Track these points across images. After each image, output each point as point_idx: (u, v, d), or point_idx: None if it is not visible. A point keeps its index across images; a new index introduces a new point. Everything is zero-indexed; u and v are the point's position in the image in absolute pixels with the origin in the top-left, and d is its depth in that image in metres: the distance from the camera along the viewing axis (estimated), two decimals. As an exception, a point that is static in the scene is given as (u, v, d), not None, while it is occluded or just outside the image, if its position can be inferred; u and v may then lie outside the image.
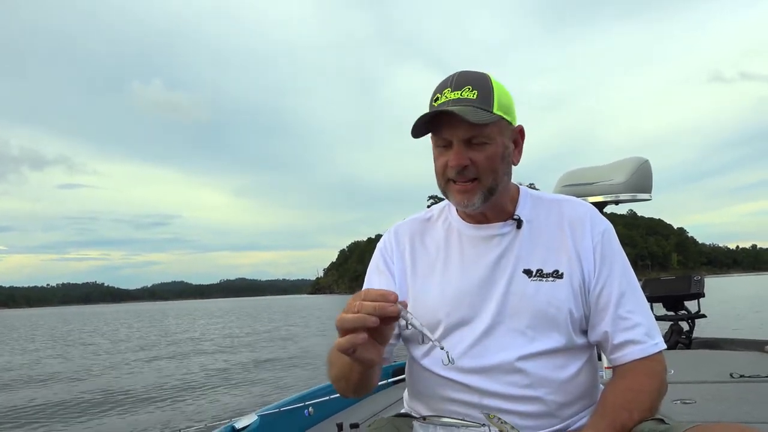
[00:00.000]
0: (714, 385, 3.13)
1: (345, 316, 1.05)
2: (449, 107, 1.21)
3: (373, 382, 1.30)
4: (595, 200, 3.25)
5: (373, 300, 1.04)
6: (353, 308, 1.04)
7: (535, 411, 1.24)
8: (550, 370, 1.25)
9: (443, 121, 1.24)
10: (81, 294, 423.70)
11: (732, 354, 4.39)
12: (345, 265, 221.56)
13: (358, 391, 1.30)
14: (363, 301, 1.05)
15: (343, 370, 1.24)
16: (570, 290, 1.27)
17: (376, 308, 1.03)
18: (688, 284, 5.46)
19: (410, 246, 1.41)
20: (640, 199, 3.32)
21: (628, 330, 1.26)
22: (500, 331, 1.26)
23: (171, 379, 11.76)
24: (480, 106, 1.22)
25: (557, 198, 1.40)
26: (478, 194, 1.26)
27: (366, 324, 1.03)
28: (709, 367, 3.66)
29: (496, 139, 1.25)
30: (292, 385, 10.06)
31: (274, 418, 2.67)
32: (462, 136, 1.23)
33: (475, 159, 1.24)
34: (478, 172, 1.25)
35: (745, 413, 2.49)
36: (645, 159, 3.36)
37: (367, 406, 3.11)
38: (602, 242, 1.31)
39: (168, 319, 49.71)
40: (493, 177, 1.26)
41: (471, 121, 1.19)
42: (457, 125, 1.22)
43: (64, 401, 9.78)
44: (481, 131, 1.23)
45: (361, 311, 1.03)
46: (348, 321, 1.04)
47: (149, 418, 8.00)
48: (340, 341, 1.05)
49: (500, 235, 1.33)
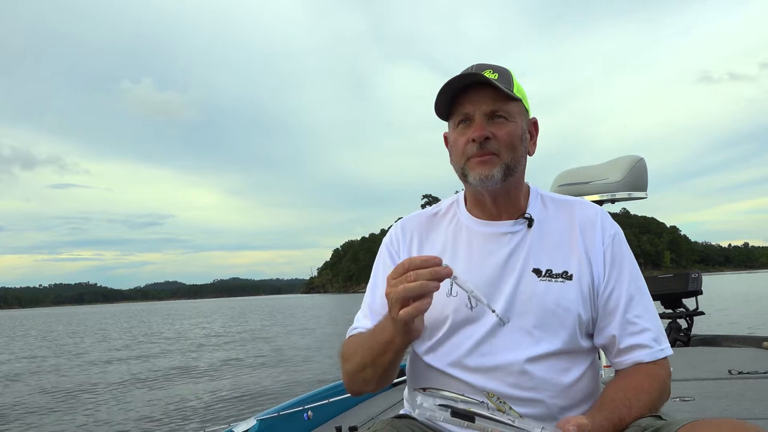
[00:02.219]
0: (713, 381, 3.13)
1: (408, 285, 1.06)
2: (473, 79, 1.25)
3: (396, 369, 1.29)
4: (591, 199, 3.25)
5: (421, 266, 1.07)
6: (409, 278, 1.06)
7: (537, 413, 1.23)
8: (554, 373, 1.25)
9: (464, 98, 1.27)
10: (74, 294, 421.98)
11: (730, 351, 4.39)
12: (339, 265, 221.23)
13: (383, 378, 1.28)
14: (410, 269, 1.07)
15: (374, 354, 1.23)
16: (579, 292, 1.27)
17: (432, 273, 1.06)
18: (686, 282, 5.47)
19: (417, 241, 1.41)
20: (635, 197, 3.33)
21: (635, 335, 1.26)
22: (507, 330, 1.25)
23: (154, 381, 11.71)
24: (502, 84, 1.26)
25: (568, 199, 1.40)
26: (498, 167, 1.27)
27: (429, 289, 1.06)
28: (707, 364, 3.66)
29: (516, 117, 1.29)
30: (284, 387, 10.03)
31: (273, 423, 2.65)
32: (485, 110, 1.26)
33: (497, 133, 1.26)
34: (499, 146, 1.26)
35: (744, 409, 2.50)
36: (640, 157, 3.37)
37: (366, 408, 3.10)
38: (612, 245, 1.31)
39: (153, 318, 49.53)
40: (513, 155, 1.28)
41: (498, 87, 1.23)
42: (480, 100, 1.26)
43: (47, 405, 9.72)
44: (503, 106, 1.27)
45: (418, 279, 1.05)
46: (413, 289, 1.06)
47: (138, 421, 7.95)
48: (408, 310, 1.07)
49: (511, 233, 1.33)
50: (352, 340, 1.34)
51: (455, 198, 1.44)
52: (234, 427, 2.57)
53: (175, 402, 9.15)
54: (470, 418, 1.08)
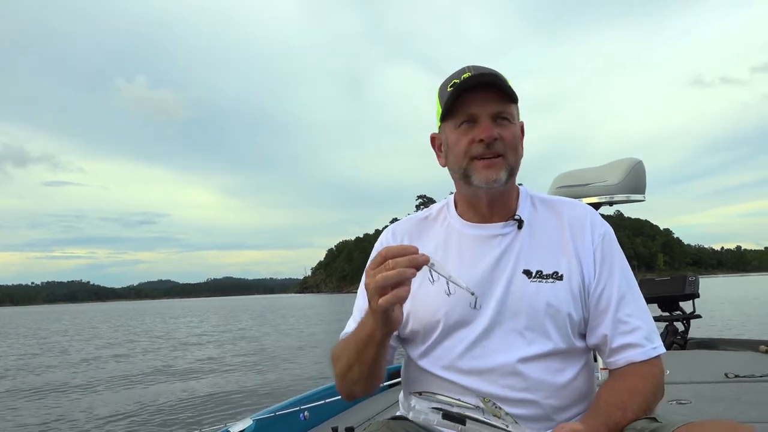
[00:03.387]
0: (709, 385, 3.13)
1: (387, 273, 1.07)
2: (483, 79, 1.25)
3: (383, 370, 1.30)
4: (589, 201, 3.25)
5: (398, 254, 1.08)
6: (388, 266, 1.07)
7: (532, 414, 1.23)
8: (548, 373, 1.25)
9: (468, 98, 1.26)
10: (67, 292, 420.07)
11: (727, 354, 4.41)
12: (333, 265, 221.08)
13: (371, 377, 1.29)
14: (387, 258, 1.08)
15: (358, 351, 1.24)
16: (569, 292, 1.27)
17: (410, 261, 1.07)
18: (683, 285, 5.49)
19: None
20: (633, 200, 3.34)
21: (627, 333, 1.26)
22: (499, 332, 1.26)
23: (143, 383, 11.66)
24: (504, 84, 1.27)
25: (557, 200, 1.40)
26: (503, 169, 1.27)
27: (407, 276, 1.07)
28: (704, 368, 3.66)
29: (516, 119, 1.30)
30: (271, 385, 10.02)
31: (270, 423, 2.67)
32: (491, 111, 1.26)
33: (503, 134, 1.26)
34: (505, 147, 1.27)
35: (740, 413, 2.50)
36: (639, 160, 3.38)
37: (363, 409, 3.10)
38: (602, 245, 1.31)
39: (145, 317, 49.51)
40: (515, 157, 1.30)
41: (504, 89, 1.25)
42: (485, 101, 1.26)
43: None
44: (507, 108, 1.28)
45: (396, 267, 1.06)
46: (391, 277, 1.07)
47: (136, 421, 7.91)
48: (387, 297, 1.07)
49: (501, 235, 1.33)
50: (340, 344, 1.35)
51: (445, 202, 1.45)
52: (230, 427, 2.59)
53: (170, 402, 9.11)
54: (461, 421, 1.09)
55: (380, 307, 1.09)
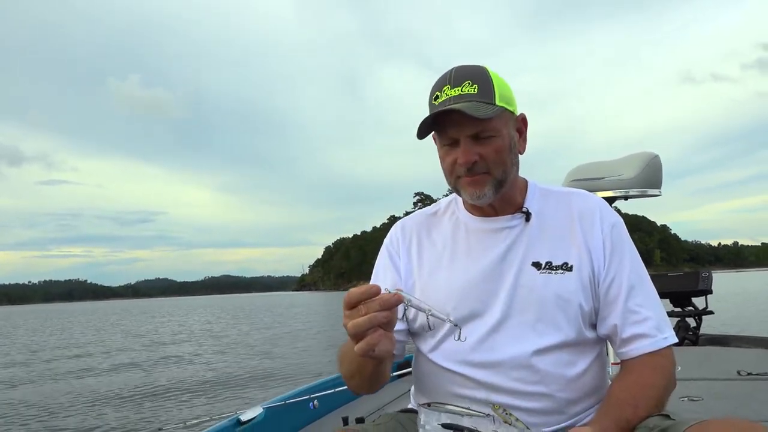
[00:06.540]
0: (721, 382, 3.10)
1: (357, 321, 1.03)
2: (452, 105, 1.21)
3: (386, 375, 1.29)
4: (604, 195, 3.16)
5: (359, 298, 1.04)
6: (360, 312, 1.03)
7: (544, 407, 1.23)
8: (560, 366, 1.24)
9: (447, 120, 1.23)
10: (63, 291, 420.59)
11: (740, 351, 4.37)
12: (330, 262, 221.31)
13: (372, 385, 1.29)
14: (351, 303, 1.04)
15: (357, 365, 1.23)
16: (579, 283, 1.26)
17: (381, 303, 1.03)
18: (695, 280, 5.47)
19: (417, 240, 1.42)
20: (649, 194, 3.25)
21: (637, 323, 1.25)
22: (510, 324, 1.26)
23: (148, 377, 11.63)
24: (482, 100, 1.22)
25: (566, 191, 1.40)
26: (488, 186, 1.26)
27: (378, 321, 1.03)
28: (716, 364, 3.64)
29: (501, 131, 1.26)
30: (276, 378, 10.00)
31: (279, 411, 2.67)
32: (468, 133, 1.24)
33: (484, 153, 1.24)
34: (488, 165, 1.25)
35: (753, 411, 2.47)
36: (655, 154, 3.29)
37: (373, 400, 3.06)
38: (612, 235, 1.31)
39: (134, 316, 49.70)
40: (503, 169, 1.27)
41: (476, 117, 1.19)
42: (463, 123, 1.22)
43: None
44: (487, 125, 1.23)
45: (369, 312, 1.03)
46: (361, 324, 1.03)
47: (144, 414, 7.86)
48: (360, 345, 1.04)
49: (508, 227, 1.33)
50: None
51: (453, 197, 1.45)
52: (240, 415, 2.58)
53: (181, 390, 9.34)
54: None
55: (357, 354, 1.06)
